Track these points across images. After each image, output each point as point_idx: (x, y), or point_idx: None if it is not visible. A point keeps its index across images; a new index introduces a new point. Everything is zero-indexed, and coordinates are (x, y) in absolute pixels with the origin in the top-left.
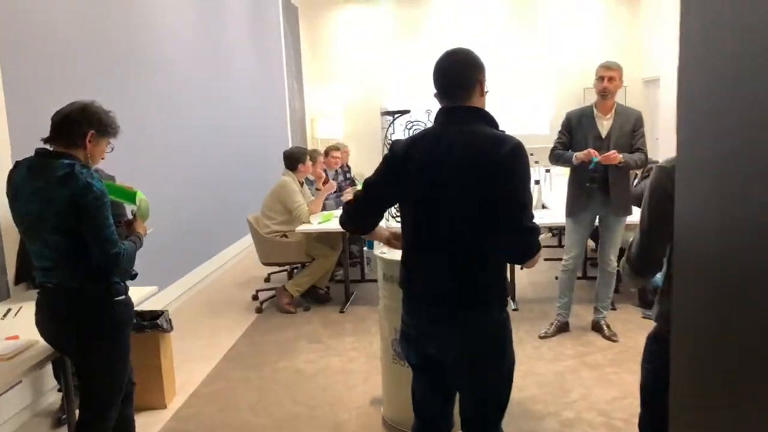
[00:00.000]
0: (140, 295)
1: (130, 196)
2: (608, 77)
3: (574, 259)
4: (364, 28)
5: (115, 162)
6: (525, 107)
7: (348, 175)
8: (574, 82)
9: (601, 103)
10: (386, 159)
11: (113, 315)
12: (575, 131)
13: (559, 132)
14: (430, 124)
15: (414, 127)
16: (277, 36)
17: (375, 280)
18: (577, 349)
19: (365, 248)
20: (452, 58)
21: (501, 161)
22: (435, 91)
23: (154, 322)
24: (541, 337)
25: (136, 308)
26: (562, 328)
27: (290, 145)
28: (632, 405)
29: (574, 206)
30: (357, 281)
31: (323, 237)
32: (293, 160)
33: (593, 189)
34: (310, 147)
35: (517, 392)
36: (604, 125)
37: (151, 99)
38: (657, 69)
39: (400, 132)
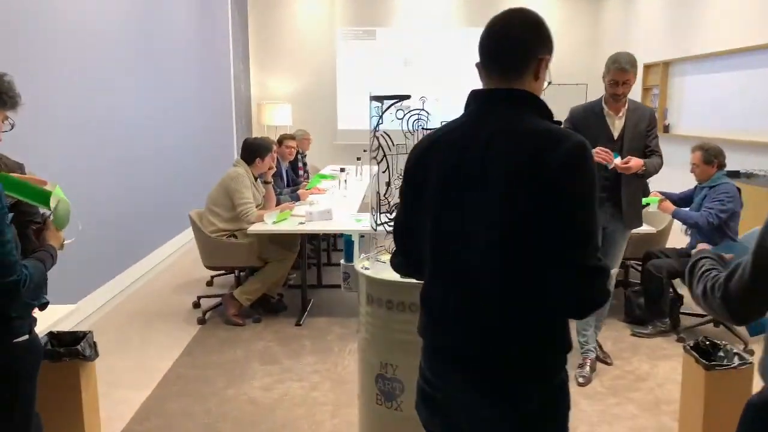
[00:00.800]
0: (53, 318)
1: (42, 196)
2: (623, 82)
3: None
4: (315, 11)
5: (18, 145)
6: None
7: (305, 166)
8: None
9: (613, 101)
10: (404, 174)
11: (11, 363)
12: (582, 132)
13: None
14: (432, 116)
15: (415, 118)
16: (224, 13)
17: (334, 286)
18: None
19: (343, 261)
20: (510, 20)
21: (555, 168)
22: (479, 61)
23: (72, 348)
24: (581, 385)
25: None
26: (593, 366)
27: (234, 133)
28: None
29: None
30: (313, 287)
31: (277, 238)
32: (252, 152)
33: (602, 199)
34: (255, 134)
35: None
36: (616, 125)
37: (63, 70)
38: None
39: (389, 122)
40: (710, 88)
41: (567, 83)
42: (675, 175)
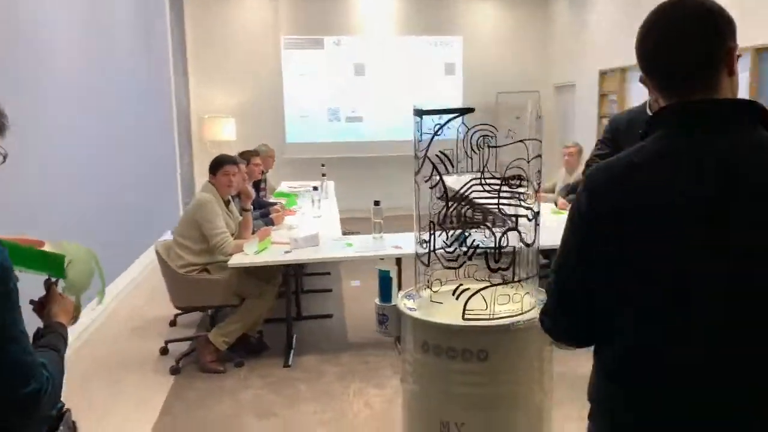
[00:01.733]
0: None
1: (54, 264)
2: None
3: None
4: (257, 18)
5: None
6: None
7: (265, 186)
8: (486, 86)
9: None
10: (580, 219)
11: None
12: (624, 142)
13: (599, 142)
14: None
15: (480, 135)
16: (162, 20)
17: (314, 317)
18: None
19: (378, 302)
20: (683, 11)
21: None
22: (644, 74)
23: None
24: None
25: None
26: None
27: (176, 149)
28: None
29: None
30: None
31: (254, 270)
32: (211, 168)
33: None
34: (196, 151)
35: None
36: None
37: None
38: (571, 75)
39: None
40: None
41: (518, 90)
42: None
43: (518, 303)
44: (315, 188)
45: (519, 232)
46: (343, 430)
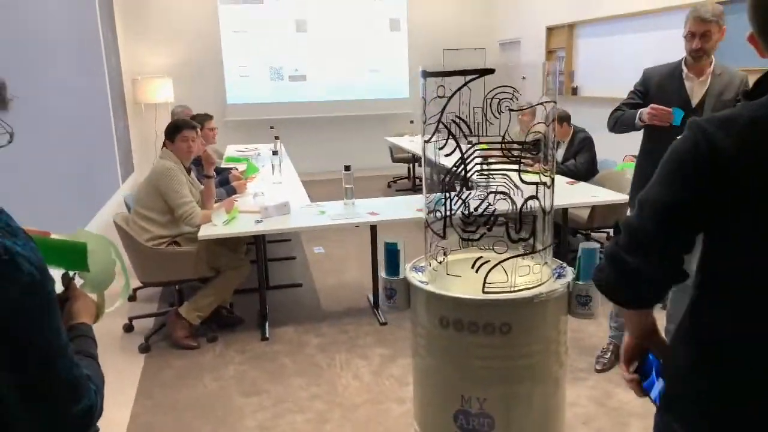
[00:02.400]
0: None
1: (76, 255)
2: (701, 33)
3: None
4: None
5: None
6: (381, 71)
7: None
8: (431, 42)
9: (693, 62)
10: (691, 162)
11: None
12: (654, 95)
13: (631, 92)
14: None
15: (503, 97)
16: None
17: (283, 286)
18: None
19: (384, 275)
20: None
21: None
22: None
23: None
24: (599, 371)
25: None
26: (618, 353)
27: (111, 113)
28: None
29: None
30: (255, 290)
31: (226, 241)
32: (169, 132)
33: None
34: (131, 114)
35: None
36: (696, 91)
37: None
38: (518, 31)
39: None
40: (616, 49)
41: (465, 48)
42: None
43: (537, 274)
44: (274, 152)
45: (539, 200)
46: (336, 403)
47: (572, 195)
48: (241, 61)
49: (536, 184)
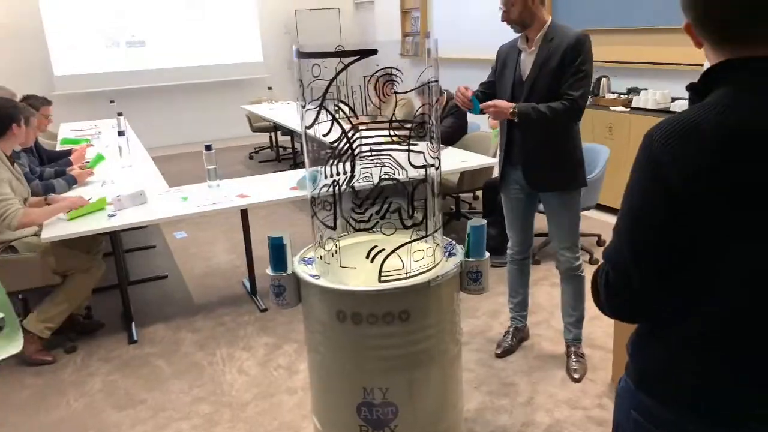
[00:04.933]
0: None
1: None
2: (504, 2)
3: (518, 246)
4: None
5: None
6: (229, 33)
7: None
8: (283, 1)
9: (520, 32)
10: (659, 171)
11: None
12: (500, 73)
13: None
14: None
15: (388, 80)
16: None
17: (147, 280)
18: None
19: (270, 271)
20: None
21: None
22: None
23: None
24: (499, 356)
25: None
26: (520, 337)
27: None
28: None
29: (500, 176)
30: (114, 287)
31: (78, 242)
32: (2, 118)
33: (512, 153)
34: None
35: None
36: (527, 62)
37: None
38: None
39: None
40: (472, 10)
41: (318, 8)
42: None
43: (431, 257)
44: (120, 133)
45: (430, 183)
46: (224, 403)
47: (442, 160)
48: (69, 26)
49: (424, 167)
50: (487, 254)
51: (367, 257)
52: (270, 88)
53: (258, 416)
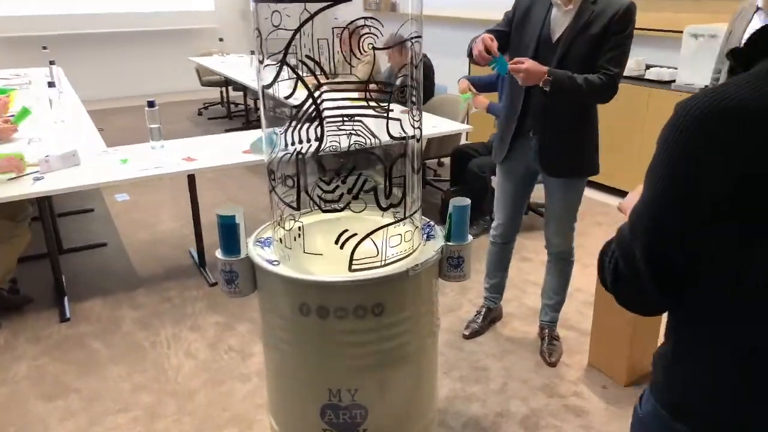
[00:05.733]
0: None
1: None
2: None
3: (504, 228)
4: None
5: None
6: None
7: None
8: None
9: None
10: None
11: None
12: (519, 26)
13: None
14: None
15: (366, 34)
16: None
17: (82, 248)
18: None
19: (220, 255)
20: None
21: None
22: None
23: None
24: (467, 337)
25: None
26: (492, 317)
27: None
28: None
29: (500, 148)
30: (44, 256)
31: (2, 208)
32: None
33: (524, 125)
34: None
35: None
36: (560, 21)
37: None
38: None
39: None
40: None
41: None
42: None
43: (409, 242)
44: (51, 84)
45: (409, 157)
46: (168, 393)
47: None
48: None
49: (404, 139)
50: (470, 237)
51: (336, 243)
52: (221, 40)
53: (206, 407)
